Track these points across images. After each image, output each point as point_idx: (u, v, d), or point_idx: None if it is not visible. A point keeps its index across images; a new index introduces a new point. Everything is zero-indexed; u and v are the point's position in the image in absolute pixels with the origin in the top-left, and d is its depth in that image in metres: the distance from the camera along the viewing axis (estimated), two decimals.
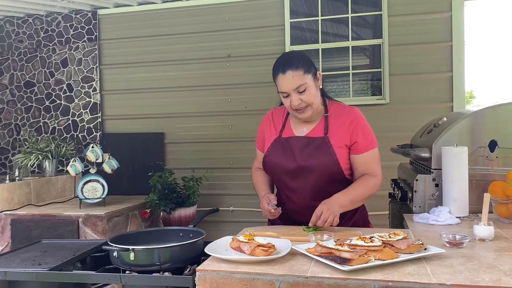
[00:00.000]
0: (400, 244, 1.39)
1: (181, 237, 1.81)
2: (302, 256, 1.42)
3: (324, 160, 1.89)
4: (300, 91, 1.85)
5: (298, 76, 1.84)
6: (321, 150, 1.91)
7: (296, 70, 1.84)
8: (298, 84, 1.84)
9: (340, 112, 1.99)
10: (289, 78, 1.84)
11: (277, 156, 1.98)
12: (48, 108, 4.80)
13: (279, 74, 1.87)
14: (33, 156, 3.92)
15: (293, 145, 1.96)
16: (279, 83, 1.88)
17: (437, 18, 3.96)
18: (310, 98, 1.87)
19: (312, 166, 1.90)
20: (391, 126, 4.01)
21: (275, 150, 1.99)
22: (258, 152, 2.17)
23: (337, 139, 1.92)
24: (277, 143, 2.00)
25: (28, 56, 4.85)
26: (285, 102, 1.91)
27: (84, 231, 3.38)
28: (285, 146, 1.97)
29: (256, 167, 2.19)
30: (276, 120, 2.08)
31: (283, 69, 1.85)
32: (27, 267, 1.63)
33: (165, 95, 4.55)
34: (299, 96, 1.85)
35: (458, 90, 3.94)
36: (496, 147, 2.07)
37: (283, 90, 1.87)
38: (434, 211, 1.95)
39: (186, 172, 4.14)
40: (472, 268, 1.28)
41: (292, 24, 4.28)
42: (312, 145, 1.93)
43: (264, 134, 2.09)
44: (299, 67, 1.84)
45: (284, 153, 1.96)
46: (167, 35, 4.53)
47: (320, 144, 1.92)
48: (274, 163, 1.98)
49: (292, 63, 1.85)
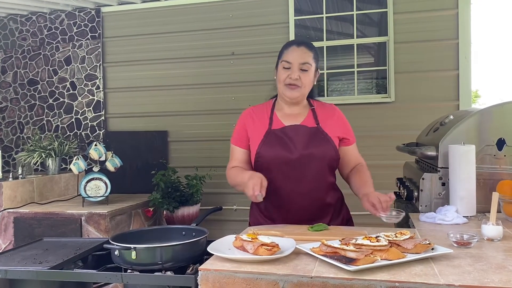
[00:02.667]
0: (406, 244, 1.36)
1: (184, 235, 1.79)
2: (306, 256, 1.40)
3: (324, 147, 1.94)
4: (303, 69, 1.93)
5: (308, 56, 1.94)
6: (319, 138, 1.95)
7: (309, 50, 1.96)
8: (306, 61, 1.93)
9: (323, 106, 2.08)
10: (301, 52, 1.93)
11: (273, 148, 1.93)
12: (52, 106, 4.80)
13: (293, 46, 1.96)
14: (36, 154, 3.91)
15: (290, 135, 1.95)
16: (288, 54, 1.94)
17: (443, 15, 3.92)
18: (307, 80, 1.95)
19: (313, 153, 1.91)
20: (396, 125, 3.97)
21: (269, 142, 1.95)
22: (235, 150, 2.08)
23: (330, 130, 1.98)
24: (270, 135, 1.96)
25: (32, 54, 4.84)
26: (283, 75, 1.95)
27: (87, 229, 3.37)
28: (280, 137, 1.95)
29: (232, 166, 2.07)
30: (259, 115, 2.05)
31: (299, 43, 1.97)
32: (28, 265, 1.61)
33: (168, 93, 4.54)
34: (300, 73, 1.93)
35: (464, 89, 3.90)
36: (504, 145, 2.03)
37: (289, 60, 1.93)
38: (440, 210, 1.92)
39: (189, 170, 4.13)
40: (481, 268, 1.25)
41: (297, 22, 4.25)
42: (309, 133, 1.95)
43: (247, 130, 2.03)
44: (312, 50, 1.97)
45: (281, 144, 1.94)
46: (171, 33, 4.52)
47: (316, 133, 1.96)
48: (271, 155, 1.93)
49: (308, 44, 1.99)
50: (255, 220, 2.07)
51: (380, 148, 3.88)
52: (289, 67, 1.93)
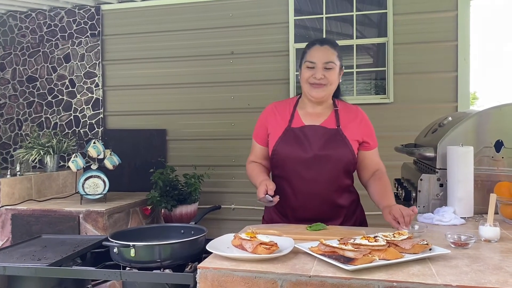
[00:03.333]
0: (404, 244, 1.37)
1: (182, 234, 1.79)
2: (305, 255, 1.40)
3: (341, 150, 1.91)
4: (328, 67, 1.90)
5: (332, 54, 1.92)
6: (337, 140, 1.92)
7: (333, 49, 1.93)
8: (330, 59, 1.90)
9: (348, 108, 2.04)
10: (324, 51, 1.91)
11: (290, 146, 1.93)
12: (50, 103, 4.79)
13: (316, 45, 1.93)
14: (35, 151, 3.90)
15: (308, 134, 1.93)
16: (312, 53, 1.92)
17: (442, 17, 3.93)
18: (332, 78, 1.92)
19: (329, 155, 1.90)
20: (395, 126, 3.98)
21: (287, 140, 1.94)
22: (255, 145, 2.10)
23: (350, 133, 1.95)
24: (289, 133, 1.95)
25: (31, 50, 4.83)
26: (306, 73, 1.92)
27: (85, 227, 3.36)
28: (298, 136, 1.94)
29: (251, 160, 2.11)
30: (281, 112, 2.03)
31: (322, 42, 1.94)
32: (26, 262, 1.61)
33: (167, 91, 4.54)
34: (324, 72, 1.90)
35: (463, 90, 3.91)
36: (502, 147, 2.05)
37: (313, 60, 1.90)
38: (438, 211, 1.93)
39: (187, 169, 4.13)
40: (478, 269, 1.25)
41: (296, 22, 4.26)
42: (327, 134, 1.93)
43: (268, 127, 2.03)
44: (335, 49, 1.94)
45: (298, 142, 1.92)
46: (171, 31, 4.51)
47: (335, 135, 1.93)
48: (287, 153, 1.93)
49: (331, 42, 1.97)
50: (269, 215, 2.09)
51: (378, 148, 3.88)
52: (313, 66, 1.90)
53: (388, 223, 1.74)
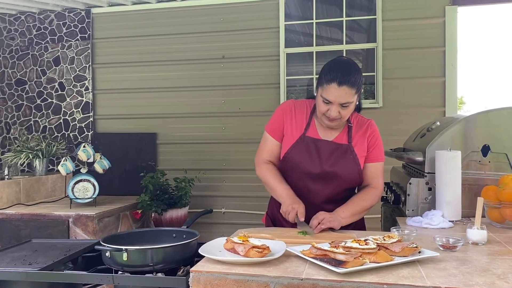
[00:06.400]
0: (394, 247, 1.39)
1: (174, 238, 1.80)
2: (296, 258, 1.42)
3: (349, 168, 1.92)
4: (344, 106, 1.82)
5: (350, 94, 1.80)
6: (347, 158, 1.92)
7: (351, 88, 1.79)
8: (347, 101, 1.80)
9: (361, 124, 2.00)
10: (342, 93, 1.78)
11: (302, 156, 1.92)
12: (39, 107, 4.76)
13: (334, 84, 1.78)
14: (23, 155, 3.87)
15: (321, 149, 1.92)
16: (329, 91, 1.79)
17: (430, 23, 3.99)
18: (347, 113, 1.86)
19: (337, 172, 1.90)
20: (384, 130, 3.93)
21: (300, 149, 1.92)
22: (270, 140, 2.01)
23: (359, 149, 1.95)
24: (302, 141, 1.93)
25: (20, 53, 4.80)
26: (322, 107, 1.84)
27: (75, 231, 3.34)
28: (310, 148, 1.92)
29: (266, 159, 2.01)
30: (299, 114, 1.98)
31: (341, 80, 1.77)
32: (17, 266, 1.60)
33: (158, 95, 4.53)
34: (339, 109, 1.82)
35: (450, 95, 3.97)
36: (489, 152, 2.08)
37: (330, 99, 1.80)
38: (427, 215, 1.96)
39: (178, 173, 4.13)
40: (466, 271, 1.28)
41: (287, 27, 4.29)
42: (338, 151, 1.93)
43: (284, 125, 1.98)
44: (354, 86, 1.80)
45: (309, 155, 1.91)
46: (161, 35, 4.52)
47: (346, 151, 1.93)
48: (297, 163, 1.92)
49: (350, 79, 1.79)
50: (272, 211, 2.11)
51: None
52: (328, 103, 1.82)
53: None
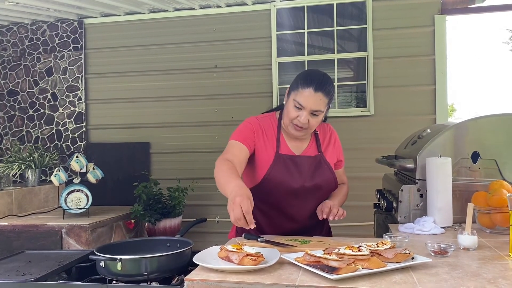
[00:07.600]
0: (387, 253, 1.40)
1: (168, 247, 1.80)
2: (290, 265, 1.43)
3: (327, 178, 1.95)
4: (315, 114, 1.83)
5: (323, 102, 1.83)
6: (323, 169, 1.95)
7: (326, 96, 1.83)
8: (319, 108, 1.82)
9: (323, 129, 2.07)
10: (316, 99, 1.80)
11: (283, 175, 1.88)
12: (32, 117, 4.74)
13: (310, 88, 1.79)
14: (16, 166, 3.85)
15: (299, 165, 1.91)
16: (303, 96, 1.80)
17: (420, 32, 4.05)
18: (315, 123, 1.87)
19: (318, 185, 1.92)
20: (375, 138, 4.06)
21: (279, 168, 1.89)
22: (237, 144, 1.90)
23: (329, 157, 2.00)
24: (279, 160, 1.90)
25: (12, 64, 4.79)
26: (292, 113, 1.84)
27: (68, 242, 3.33)
28: (288, 165, 1.90)
29: (227, 158, 1.85)
30: (267, 132, 1.95)
31: (317, 87, 1.80)
32: (10, 277, 1.59)
33: (151, 105, 4.54)
34: (309, 117, 1.83)
35: (441, 103, 4.02)
36: (479, 158, 2.11)
37: (303, 104, 1.80)
38: (419, 221, 1.97)
39: (171, 182, 4.12)
40: (457, 276, 1.30)
41: (279, 36, 4.33)
42: (313, 163, 1.94)
43: (256, 143, 1.92)
44: (328, 95, 1.84)
45: (289, 172, 1.89)
46: (154, 45, 4.54)
47: (320, 162, 1.96)
48: (280, 182, 1.87)
49: (326, 88, 1.82)
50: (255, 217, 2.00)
51: (360, 160, 3.94)
52: (299, 109, 1.82)
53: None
